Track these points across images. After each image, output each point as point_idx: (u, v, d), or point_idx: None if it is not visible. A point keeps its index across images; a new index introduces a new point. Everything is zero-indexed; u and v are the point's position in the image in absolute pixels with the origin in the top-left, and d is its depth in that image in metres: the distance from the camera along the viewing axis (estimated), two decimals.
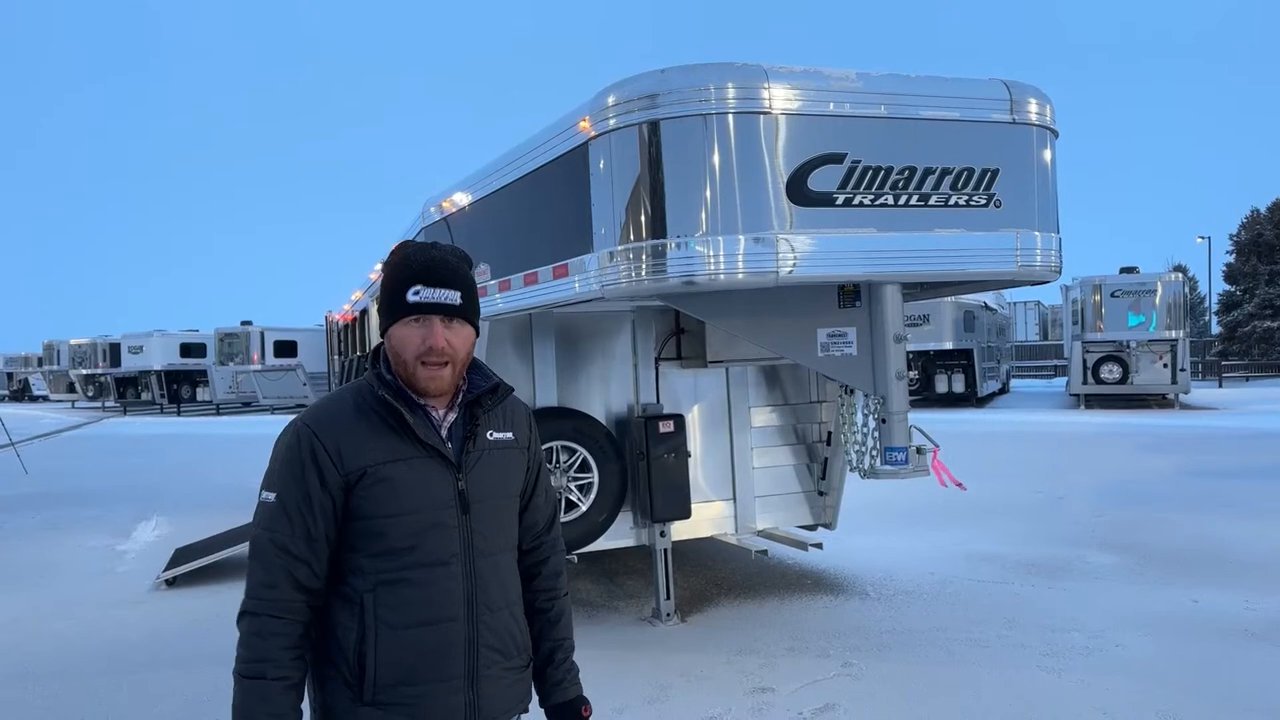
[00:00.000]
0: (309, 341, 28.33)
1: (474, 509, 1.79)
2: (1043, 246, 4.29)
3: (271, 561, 1.71)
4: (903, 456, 4.51)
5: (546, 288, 4.56)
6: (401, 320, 1.75)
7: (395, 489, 1.73)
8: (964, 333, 21.52)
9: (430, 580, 1.74)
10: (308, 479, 1.71)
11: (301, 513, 1.71)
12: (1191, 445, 13.48)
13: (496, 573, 1.83)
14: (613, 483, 5.53)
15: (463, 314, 1.77)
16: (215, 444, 18.79)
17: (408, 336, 1.75)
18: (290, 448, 1.75)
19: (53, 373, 41.09)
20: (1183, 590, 5.88)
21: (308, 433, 1.74)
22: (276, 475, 1.75)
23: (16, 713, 4.42)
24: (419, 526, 1.74)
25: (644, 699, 4.30)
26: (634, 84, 3.98)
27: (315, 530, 1.72)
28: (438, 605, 1.75)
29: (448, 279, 1.76)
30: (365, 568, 1.74)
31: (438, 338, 1.74)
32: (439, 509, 1.76)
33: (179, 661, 5.07)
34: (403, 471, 1.73)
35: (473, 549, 1.79)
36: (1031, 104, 4.23)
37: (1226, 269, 39.87)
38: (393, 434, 1.75)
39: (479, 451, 1.82)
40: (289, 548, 1.71)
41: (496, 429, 1.87)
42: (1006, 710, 4.08)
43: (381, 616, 1.72)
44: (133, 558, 7.85)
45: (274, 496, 1.73)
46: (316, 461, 1.71)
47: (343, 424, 1.75)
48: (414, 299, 1.73)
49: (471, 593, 1.78)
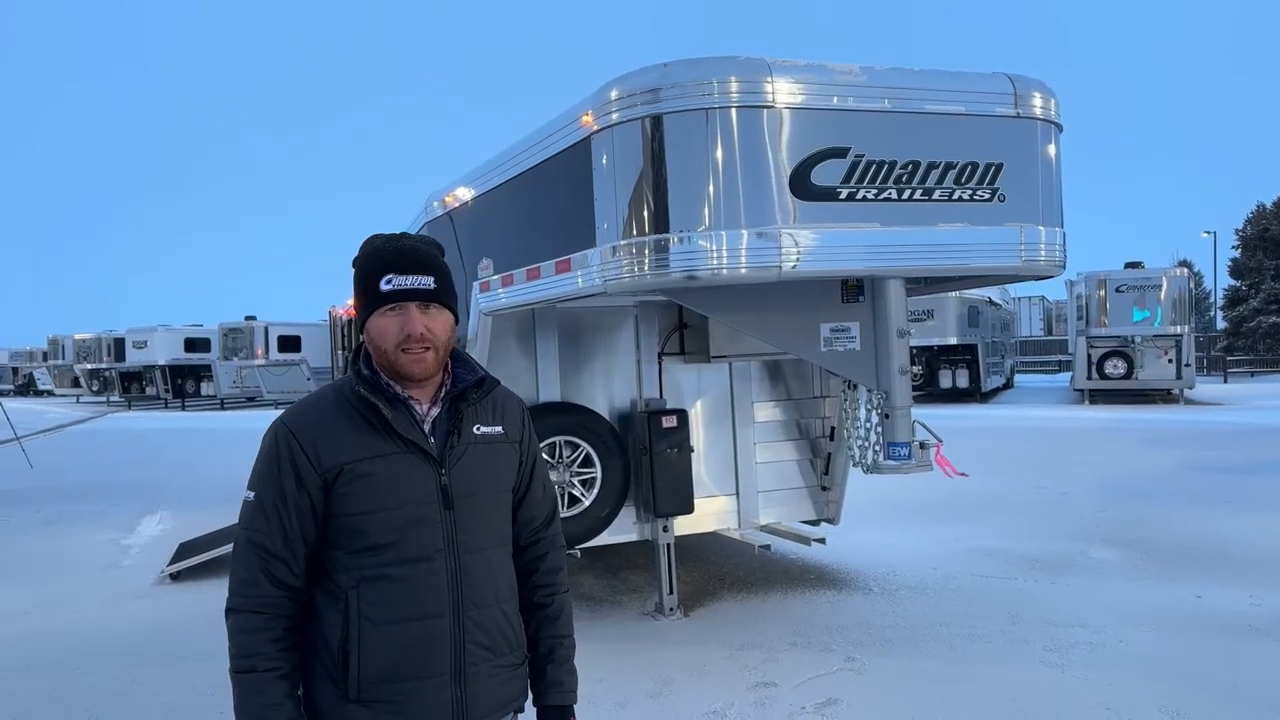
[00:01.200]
0: (313, 336, 28.37)
1: (458, 504, 1.77)
2: (1047, 241, 4.28)
3: (250, 559, 1.72)
4: (906, 452, 4.50)
5: (549, 282, 4.56)
6: (378, 311, 1.75)
7: (374, 485, 1.72)
8: (968, 328, 21.48)
9: (413, 576, 1.73)
10: (284, 478, 1.72)
11: (278, 511, 1.72)
12: (1196, 440, 13.45)
13: (484, 569, 1.81)
14: (616, 477, 5.53)
15: (438, 298, 1.77)
16: (219, 439, 18.82)
17: (385, 326, 1.74)
18: (269, 448, 1.76)
19: (57, 367, 41.16)
20: (1186, 586, 5.87)
21: (285, 432, 1.75)
22: (257, 474, 1.76)
23: (23, 704, 4.44)
24: (399, 522, 1.73)
25: (646, 693, 4.31)
26: (637, 78, 3.97)
27: (291, 529, 1.72)
28: (421, 602, 1.73)
29: (420, 265, 1.75)
30: (348, 564, 1.73)
31: (415, 324, 1.73)
32: (420, 505, 1.74)
33: (183, 655, 5.09)
34: (381, 468, 1.73)
35: (457, 545, 1.77)
36: (1036, 98, 4.22)
37: (1232, 264, 39.74)
38: (371, 430, 1.74)
39: (464, 446, 1.80)
40: (266, 545, 1.72)
41: (484, 423, 1.85)
42: (1009, 705, 4.07)
43: (365, 613, 1.72)
44: (137, 552, 7.88)
45: (254, 495, 1.75)
46: (294, 461, 1.72)
47: (322, 422, 1.75)
48: (387, 288, 1.73)
49: (457, 589, 1.76)
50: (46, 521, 9.42)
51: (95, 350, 34.31)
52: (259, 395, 29.60)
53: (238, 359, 28.92)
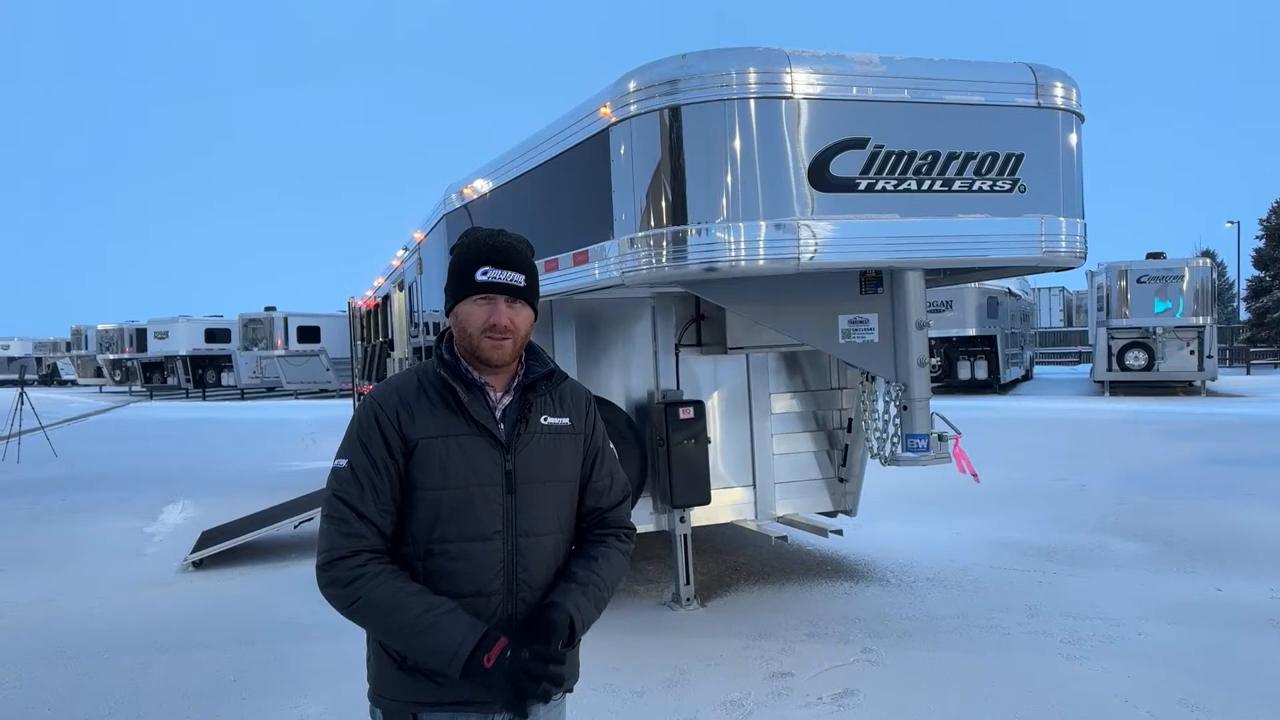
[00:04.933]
0: (332, 327, 28.56)
1: (520, 490, 1.85)
2: (1067, 232, 4.25)
3: (346, 519, 1.79)
4: (924, 443, 4.49)
5: (567, 274, 4.57)
6: (469, 298, 1.86)
7: (443, 463, 1.81)
8: (987, 319, 21.35)
9: (470, 554, 1.81)
10: (374, 446, 1.81)
11: (370, 475, 1.80)
12: (1217, 432, 13.33)
13: (540, 554, 1.87)
14: (633, 468, 5.54)
15: (525, 296, 1.88)
16: (240, 428, 18.99)
17: (473, 312, 1.85)
18: (361, 418, 1.86)
19: (80, 357, 41.64)
20: (1206, 578, 5.83)
21: (375, 405, 1.86)
22: (348, 442, 1.85)
23: (48, 690, 4.51)
24: (462, 501, 1.81)
25: (663, 683, 4.33)
26: (655, 69, 3.96)
27: (382, 493, 1.80)
28: (476, 579, 1.81)
29: (514, 262, 1.87)
30: (415, 536, 1.82)
31: (501, 316, 1.84)
32: (483, 486, 1.83)
33: (206, 642, 5.15)
34: (452, 447, 1.82)
35: (516, 528, 1.85)
36: (1057, 88, 4.18)
37: (1256, 254, 39.28)
38: (448, 410, 1.84)
39: (530, 434, 1.88)
40: (357, 508, 1.79)
41: (551, 414, 1.93)
42: (1027, 697, 4.07)
43: (428, 584, 1.79)
44: (160, 540, 7.97)
45: (345, 462, 1.83)
46: (382, 430, 1.82)
47: (405, 398, 1.86)
48: (482, 279, 1.84)
49: (511, 570, 1.83)
50: (71, 509, 9.55)
51: (118, 340, 34.67)
52: (279, 385, 29.83)
53: (258, 349, 29.15)
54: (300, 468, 12.16)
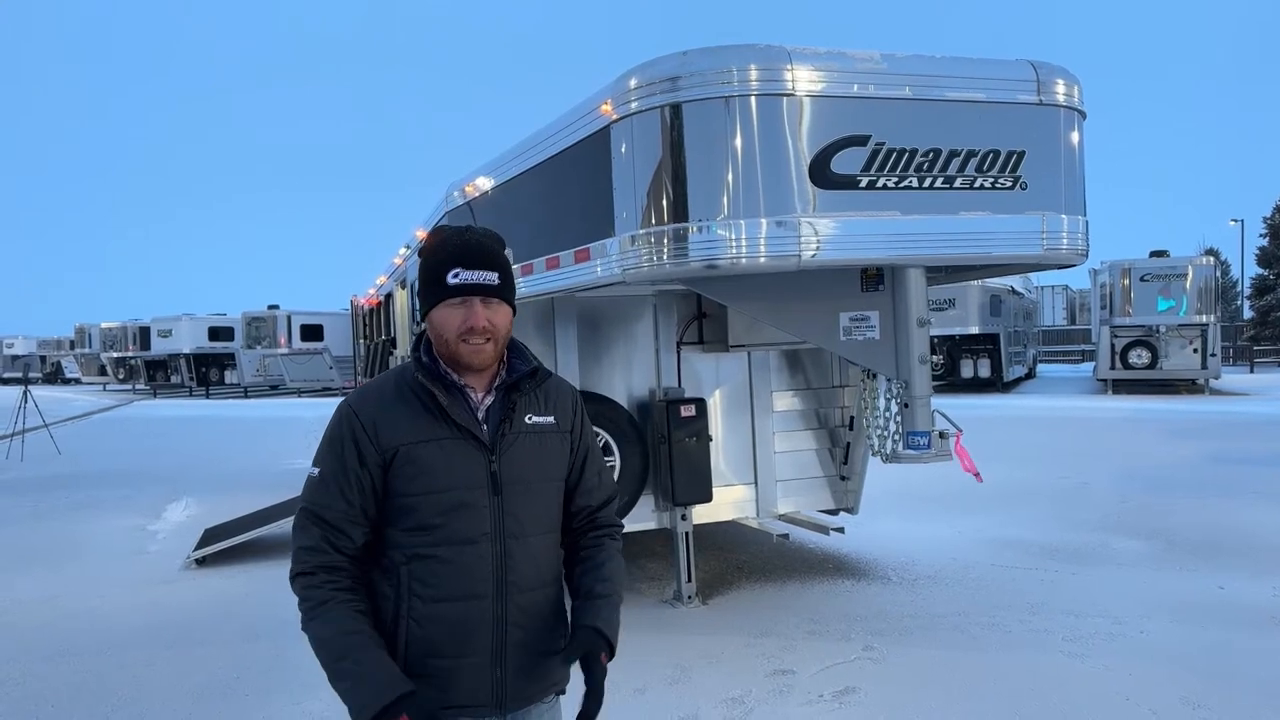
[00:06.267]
0: (335, 325, 28.57)
1: (507, 491, 1.83)
2: (1069, 229, 4.25)
3: (312, 530, 1.79)
4: (925, 441, 4.49)
5: (568, 272, 4.57)
6: (443, 302, 1.81)
7: (426, 468, 1.78)
8: (990, 317, 21.32)
9: (459, 558, 1.79)
10: (346, 456, 1.79)
11: (340, 485, 1.79)
12: (1220, 431, 13.31)
13: (530, 554, 1.86)
14: (634, 466, 5.55)
15: (500, 294, 1.83)
16: (243, 426, 19.02)
17: (449, 317, 1.80)
18: (335, 426, 1.84)
19: (84, 356, 41.70)
20: (1209, 577, 5.83)
21: (349, 412, 1.83)
22: (321, 452, 1.84)
23: (50, 688, 4.52)
24: (448, 505, 1.79)
25: (665, 680, 4.33)
26: (656, 66, 3.96)
27: (352, 503, 1.79)
28: (466, 583, 1.79)
29: (485, 260, 1.81)
30: (401, 542, 1.80)
31: (478, 318, 1.79)
32: (469, 489, 1.80)
33: (209, 639, 5.16)
34: (434, 451, 1.79)
35: (504, 530, 1.82)
36: (1059, 85, 4.18)
37: (1260, 253, 39.19)
38: (428, 415, 1.81)
39: (515, 434, 1.86)
40: (326, 517, 1.78)
41: (536, 412, 1.90)
42: (1029, 696, 4.06)
43: (414, 590, 1.79)
44: (163, 537, 7.99)
45: (318, 471, 1.82)
46: (356, 439, 1.79)
47: (383, 405, 1.82)
48: (454, 281, 1.79)
49: (501, 572, 1.82)
50: (74, 507, 9.57)
51: (121, 339, 34.71)
52: (282, 383, 29.87)
53: (261, 347, 29.18)
54: (303, 465, 12.12)
